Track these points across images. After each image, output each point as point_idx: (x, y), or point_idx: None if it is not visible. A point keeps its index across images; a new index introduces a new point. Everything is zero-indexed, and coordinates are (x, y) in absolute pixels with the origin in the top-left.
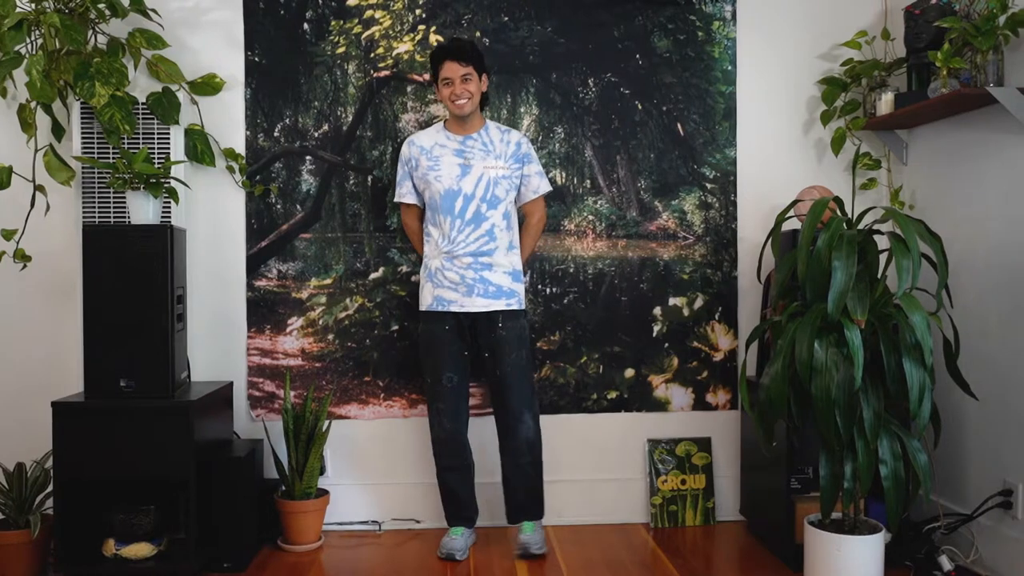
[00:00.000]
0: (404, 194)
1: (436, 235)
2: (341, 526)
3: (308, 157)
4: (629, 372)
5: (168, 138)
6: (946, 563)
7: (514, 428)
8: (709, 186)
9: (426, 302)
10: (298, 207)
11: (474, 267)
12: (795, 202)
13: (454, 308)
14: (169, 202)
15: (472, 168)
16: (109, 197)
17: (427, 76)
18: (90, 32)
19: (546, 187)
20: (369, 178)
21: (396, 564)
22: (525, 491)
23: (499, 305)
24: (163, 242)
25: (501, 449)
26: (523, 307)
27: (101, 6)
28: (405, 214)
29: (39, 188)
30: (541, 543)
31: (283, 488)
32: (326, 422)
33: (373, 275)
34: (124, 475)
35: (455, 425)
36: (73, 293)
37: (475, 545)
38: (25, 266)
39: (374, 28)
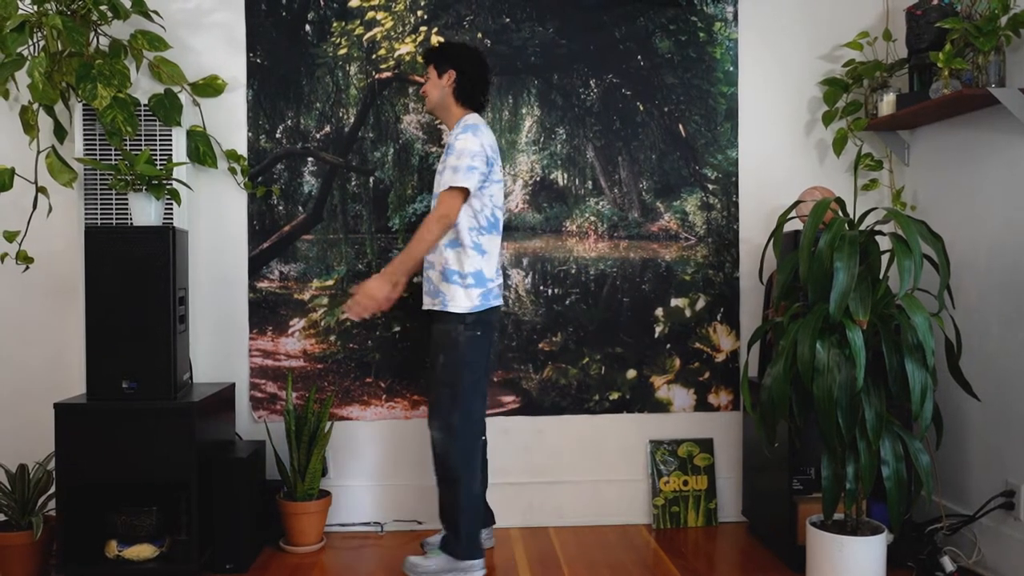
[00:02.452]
0: None
1: None
2: (343, 527)
3: (310, 158)
4: (631, 373)
5: (170, 139)
6: (948, 564)
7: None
8: (711, 187)
9: None
10: (300, 208)
11: (423, 264)
12: (797, 203)
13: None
14: (171, 203)
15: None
16: (111, 198)
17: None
18: (92, 34)
19: (448, 182)
20: (371, 179)
21: (398, 565)
22: (440, 505)
23: (428, 304)
24: (165, 243)
25: None
26: (452, 310)
27: (103, 8)
28: None
29: (41, 190)
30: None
31: (285, 489)
32: (328, 423)
33: None
34: (126, 477)
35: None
36: (75, 295)
37: None
38: (27, 268)
39: (376, 29)
